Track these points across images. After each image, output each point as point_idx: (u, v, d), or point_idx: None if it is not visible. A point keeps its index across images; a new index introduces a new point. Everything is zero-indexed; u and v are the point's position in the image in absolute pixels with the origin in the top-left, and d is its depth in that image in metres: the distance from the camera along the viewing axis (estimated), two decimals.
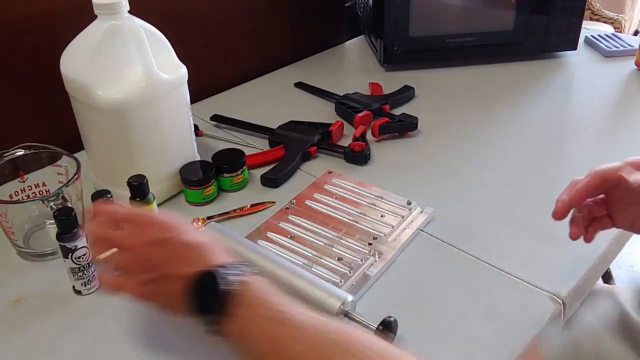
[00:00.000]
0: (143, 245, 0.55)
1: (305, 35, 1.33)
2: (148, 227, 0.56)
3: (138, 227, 0.56)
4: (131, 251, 0.55)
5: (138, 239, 0.55)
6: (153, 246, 0.54)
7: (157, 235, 0.55)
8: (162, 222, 0.56)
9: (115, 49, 0.73)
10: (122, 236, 0.56)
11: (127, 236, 0.56)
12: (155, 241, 0.54)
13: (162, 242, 0.54)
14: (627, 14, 2.60)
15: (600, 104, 1.11)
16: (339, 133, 0.98)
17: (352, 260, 0.70)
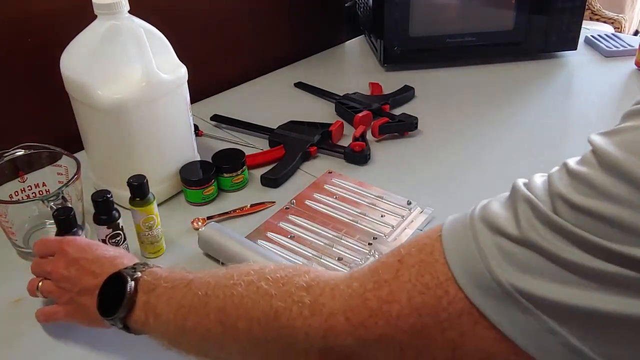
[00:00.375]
0: (58, 268, 0.59)
1: (305, 35, 1.33)
2: (63, 252, 0.60)
3: (56, 254, 0.61)
4: (51, 276, 0.60)
5: (54, 264, 0.60)
6: (67, 268, 0.59)
7: (69, 256, 0.59)
8: (74, 244, 0.61)
9: (115, 49, 0.73)
10: (44, 265, 0.61)
11: (47, 263, 0.61)
12: (68, 262, 0.59)
13: (74, 261, 0.59)
14: (627, 14, 2.60)
15: (600, 104, 1.11)
16: (339, 133, 0.98)
17: (352, 260, 0.70)
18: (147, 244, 0.72)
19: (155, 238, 0.72)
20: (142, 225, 0.70)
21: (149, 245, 0.72)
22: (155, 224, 0.71)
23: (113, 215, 0.68)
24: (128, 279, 0.53)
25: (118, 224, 0.69)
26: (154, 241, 0.72)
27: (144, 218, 0.69)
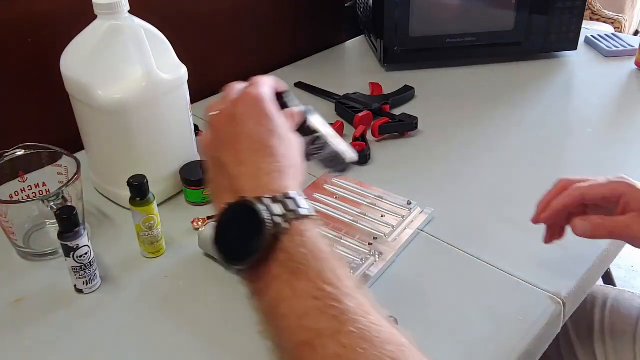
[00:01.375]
0: (224, 111, 0.50)
1: (305, 35, 1.33)
2: (232, 106, 0.50)
3: (234, 97, 0.51)
4: (214, 118, 0.51)
5: (225, 106, 0.50)
6: (229, 120, 0.49)
7: (238, 110, 0.49)
8: (247, 105, 0.50)
9: (115, 49, 0.73)
10: (222, 99, 0.52)
11: (223, 101, 0.52)
12: (233, 115, 0.49)
13: (237, 119, 0.49)
14: (627, 14, 2.60)
15: (600, 104, 1.11)
16: (339, 133, 0.98)
17: (352, 261, 0.70)
18: (147, 244, 0.72)
19: (155, 238, 0.72)
20: (142, 225, 0.70)
21: (149, 245, 0.72)
22: (155, 224, 0.71)
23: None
24: (268, 224, 0.41)
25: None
26: (154, 241, 0.72)
27: (144, 218, 0.69)
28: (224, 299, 0.67)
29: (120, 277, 0.70)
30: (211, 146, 0.50)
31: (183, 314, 0.65)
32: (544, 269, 0.70)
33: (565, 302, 0.66)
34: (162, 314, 0.65)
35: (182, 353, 0.60)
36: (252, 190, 0.44)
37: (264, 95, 0.51)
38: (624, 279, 1.89)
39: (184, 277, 0.70)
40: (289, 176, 0.46)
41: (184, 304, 0.67)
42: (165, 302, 0.67)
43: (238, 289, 0.68)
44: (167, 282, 0.70)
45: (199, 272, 0.71)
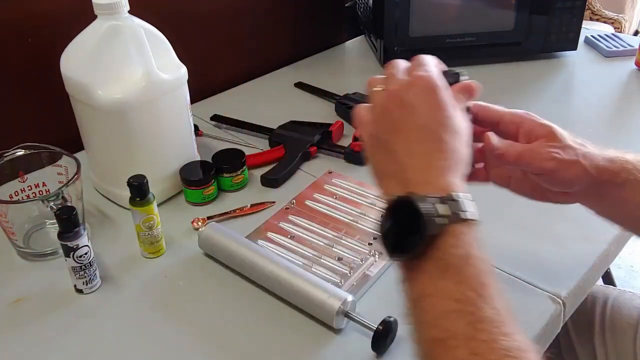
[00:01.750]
0: (393, 95, 0.49)
1: (305, 35, 1.33)
2: (412, 80, 0.49)
3: (403, 79, 0.50)
4: (385, 96, 0.50)
5: (397, 88, 0.49)
6: (401, 105, 0.48)
7: (410, 97, 0.48)
8: (428, 84, 0.49)
9: (115, 49, 0.73)
10: (388, 77, 0.51)
11: (389, 79, 0.51)
12: (405, 102, 0.48)
13: (409, 107, 0.48)
14: (627, 14, 2.60)
15: (600, 104, 1.11)
16: (339, 133, 0.98)
17: (352, 260, 0.70)
18: (147, 244, 0.72)
19: (155, 238, 0.72)
20: (142, 226, 0.70)
21: (149, 245, 0.72)
22: (155, 224, 0.71)
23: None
24: (429, 225, 0.42)
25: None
26: (154, 241, 0.72)
27: (144, 218, 0.69)
28: (224, 299, 0.67)
29: (120, 277, 0.70)
30: (375, 126, 0.50)
31: (183, 314, 0.65)
32: (544, 269, 0.70)
33: (565, 302, 0.66)
34: (162, 314, 0.65)
35: (182, 353, 0.60)
36: (421, 184, 0.45)
37: (439, 83, 0.49)
38: (624, 279, 1.89)
39: (184, 277, 0.70)
40: (457, 173, 0.47)
41: (184, 304, 0.67)
42: (165, 302, 0.67)
43: (238, 289, 0.68)
44: (167, 282, 0.70)
45: (199, 272, 0.71)
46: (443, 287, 0.42)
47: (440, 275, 0.43)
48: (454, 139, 0.48)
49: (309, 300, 0.62)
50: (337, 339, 0.61)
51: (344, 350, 0.60)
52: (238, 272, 0.69)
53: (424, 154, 0.47)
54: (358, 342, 0.61)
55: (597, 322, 0.80)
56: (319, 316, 0.62)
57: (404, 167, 0.47)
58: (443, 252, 0.43)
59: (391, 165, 0.48)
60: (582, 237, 0.73)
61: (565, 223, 0.66)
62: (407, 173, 0.46)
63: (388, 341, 0.59)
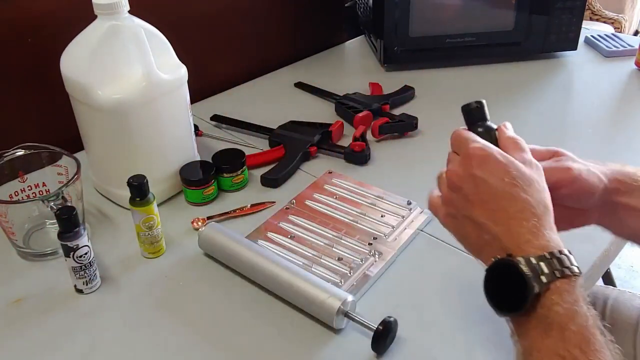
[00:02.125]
0: (454, 174, 0.52)
1: (305, 35, 1.33)
2: (467, 159, 0.51)
3: (462, 156, 0.52)
4: (447, 177, 0.53)
5: (453, 166, 0.52)
6: (461, 181, 0.51)
7: (470, 171, 0.50)
8: (482, 159, 0.50)
9: (115, 49, 0.73)
10: (451, 158, 0.54)
11: (452, 161, 0.54)
12: (469, 175, 0.50)
13: (475, 179, 0.50)
14: (627, 14, 2.60)
15: (600, 104, 1.11)
16: (339, 133, 0.98)
17: (352, 260, 0.70)
18: (147, 244, 0.72)
19: (155, 238, 0.72)
20: (142, 226, 0.70)
21: (149, 245, 0.72)
22: (155, 224, 0.71)
23: None
24: (533, 285, 0.44)
25: None
26: (154, 241, 0.72)
27: (144, 218, 0.69)
28: (223, 299, 0.67)
29: (120, 277, 0.70)
30: (450, 206, 0.53)
31: (183, 314, 0.65)
32: None
33: None
34: (162, 314, 0.65)
35: (182, 353, 0.60)
36: (516, 248, 0.47)
37: (490, 149, 0.51)
38: (623, 279, 1.89)
39: (184, 277, 0.70)
40: (548, 224, 0.48)
41: (184, 304, 0.67)
42: (165, 302, 0.67)
43: (238, 289, 0.68)
44: (167, 282, 0.70)
45: (199, 272, 0.71)
46: (548, 344, 0.44)
47: (545, 333, 0.44)
48: (532, 191, 0.49)
49: (309, 300, 0.62)
50: (337, 339, 0.61)
51: (344, 350, 0.60)
52: (238, 272, 0.69)
53: (510, 218, 0.48)
54: (358, 342, 0.61)
55: None
56: (319, 316, 0.62)
57: (496, 236, 0.48)
58: (547, 309, 0.44)
59: (483, 236, 0.50)
60: (582, 237, 0.73)
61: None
62: (502, 241, 0.48)
63: (388, 341, 0.59)
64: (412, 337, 0.61)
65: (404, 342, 0.61)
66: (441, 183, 0.55)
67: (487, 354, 0.60)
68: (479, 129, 0.56)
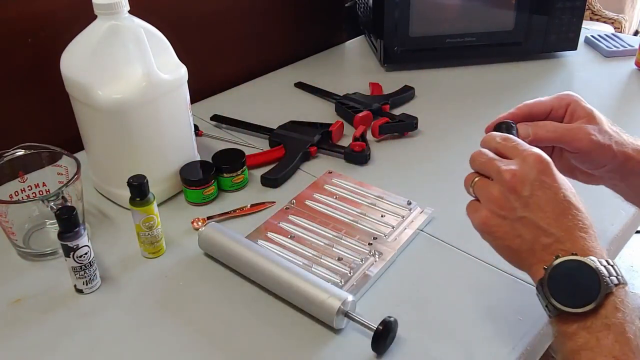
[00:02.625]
0: (518, 178, 0.51)
1: (305, 35, 1.33)
2: (524, 165, 0.51)
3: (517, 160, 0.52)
4: (504, 179, 0.52)
5: (516, 169, 0.51)
6: (530, 183, 0.51)
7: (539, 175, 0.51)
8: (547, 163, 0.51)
9: (115, 49, 0.73)
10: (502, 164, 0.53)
11: (507, 165, 0.53)
12: (535, 180, 0.51)
13: (542, 184, 0.51)
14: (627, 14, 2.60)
15: (600, 104, 1.10)
16: (339, 133, 0.98)
17: (352, 260, 0.70)
18: (147, 244, 0.72)
19: (155, 238, 0.72)
20: (142, 226, 0.70)
21: (149, 245, 0.72)
22: (155, 224, 0.71)
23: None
24: (609, 284, 0.46)
25: None
26: (154, 241, 0.72)
27: (144, 218, 0.69)
28: (223, 299, 0.67)
29: (120, 277, 0.70)
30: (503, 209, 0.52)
31: (183, 314, 0.65)
32: None
33: None
34: (162, 314, 0.65)
35: (181, 353, 0.60)
36: (581, 252, 0.48)
37: (547, 157, 0.52)
38: None
39: (184, 277, 0.70)
40: (597, 239, 0.50)
41: (184, 304, 0.67)
42: (165, 302, 0.67)
43: (238, 289, 0.68)
44: (167, 282, 0.70)
45: (199, 272, 0.71)
46: (605, 344, 0.45)
47: (603, 333, 0.45)
48: (581, 204, 0.52)
49: (309, 300, 0.62)
50: (337, 339, 0.61)
51: (344, 350, 0.60)
52: (238, 272, 0.69)
53: (573, 225, 0.50)
54: (358, 342, 0.61)
55: None
56: (319, 316, 0.62)
57: (559, 239, 0.50)
58: (608, 311, 0.46)
59: (541, 239, 0.50)
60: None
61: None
62: (566, 244, 0.49)
63: (388, 341, 0.59)
64: (412, 337, 0.61)
65: (404, 342, 0.61)
66: (479, 187, 0.55)
67: (487, 354, 0.60)
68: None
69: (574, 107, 0.61)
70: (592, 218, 0.51)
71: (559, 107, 0.61)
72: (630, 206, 0.80)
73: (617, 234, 0.76)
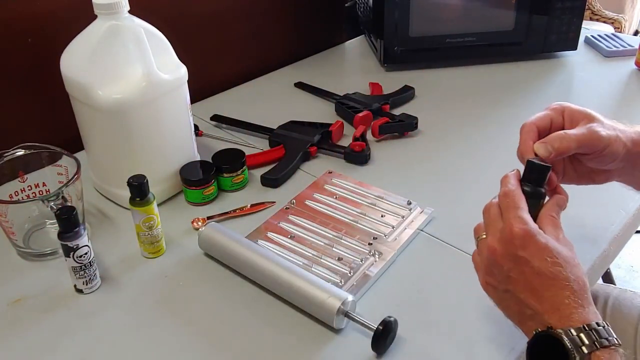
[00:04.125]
0: (498, 254, 0.53)
1: (305, 35, 1.33)
2: (509, 235, 0.52)
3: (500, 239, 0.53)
4: (487, 253, 0.54)
5: (496, 243, 0.53)
6: (503, 257, 0.52)
7: (515, 250, 0.52)
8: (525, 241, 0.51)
9: (115, 49, 0.73)
10: (490, 225, 0.55)
11: (491, 230, 0.54)
12: (511, 255, 0.52)
13: (514, 259, 0.52)
14: (627, 14, 2.60)
15: (600, 104, 1.11)
16: (339, 133, 0.98)
17: (352, 260, 0.70)
18: (147, 244, 0.72)
19: (155, 238, 0.72)
20: (142, 225, 0.70)
21: (149, 245, 0.72)
22: (155, 224, 0.71)
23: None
24: (574, 356, 0.47)
25: None
26: (154, 241, 0.72)
27: (144, 218, 0.69)
28: (223, 299, 0.67)
29: (120, 277, 0.70)
30: (491, 278, 0.55)
31: (183, 314, 0.65)
32: None
33: None
34: (162, 314, 0.65)
35: (181, 353, 0.60)
36: (557, 322, 0.49)
37: (532, 229, 0.52)
38: (623, 278, 1.89)
39: (184, 277, 0.70)
40: (586, 301, 0.50)
41: (184, 304, 0.67)
42: (165, 302, 0.67)
43: (238, 289, 0.68)
44: (167, 282, 0.70)
45: (199, 272, 0.71)
46: None
47: None
48: (570, 267, 0.51)
49: (309, 300, 0.62)
50: (337, 339, 0.61)
51: (344, 350, 0.60)
52: (238, 272, 0.69)
53: (552, 296, 0.50)
54: (358, 342, 0.61)
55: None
56: (319, 316, 0.62)
57: (537, 312, 0.51)
58: None
59: (525, 311, 0.52)
60: (582, 237, 0.73)
61: (565, 223, 0.66)
62: (544, 316, 0.50)
63: (388, 341, 0.59)
64: (412, 337, 0.61)
65: (404, 342, 0.61)
66: (482, 248, 0.56)
67: (488, 354, 0.60)
68: (529, 188, 0.56)
69: (570, 112, 0.61)
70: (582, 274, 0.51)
71: (556, 116, 0.61)
72: (630, 206, 0.80)
73: (617, 234, 0.76)
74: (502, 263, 0.52)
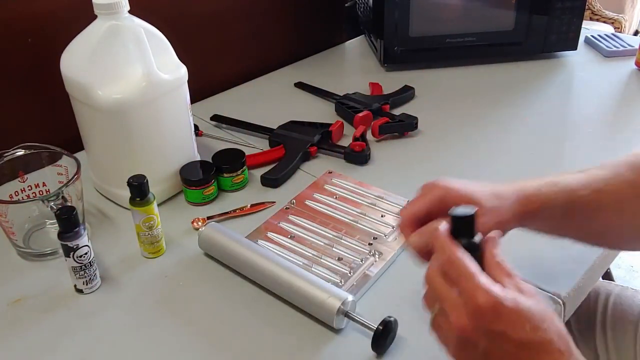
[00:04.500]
0: (469, 331, 0.45)
1: (305, 35, 1.33)
2: (478, 310, 0.45)
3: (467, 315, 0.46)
4: (456, 333, 0.46)
5: (463, 319, 0.45)
6: (483, 336, 0.45)
7: (488, 325, 0.45)
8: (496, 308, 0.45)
9: (115, 49, 0.73)
10: (444, 299, 0.47)
11: (449, 305, 0.47)
12: (483, 330, 0.45)
13: (493, 336, 0.45)
14: (627, 14, 2.60)
15: (600, 104, 1.11)
16: (339, 133, 0.98)
17: (352, 260, 0.70)
18: (147, 244, 0.72)
19: (155, 238, 0.72)
20: (142, 225, 0.70)
21: (149, 245, 0.72)
22: (155, 224, 0.71)
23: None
24: None
25: None
26: (154, 241, 0.72)
27: (144, 218, 0.69)
28: (223, 299, 0.67)
29: (120, 277, 0.70)
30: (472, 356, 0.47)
31: (183, 314, 0.65)
32: (544, 269, 0.70)
33: (565, 302, 0.66)
34: (162, 314, 0.65)
35: (181, 353, 0.60)
36: None
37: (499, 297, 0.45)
38: (623, 278, 1.89)
39: (184, 277, 0.70)
40: (570, 350, 0.46)
41: (184, 304, 0.67)
42: (165, 302, 0.67)
43: (238, 289, 0.68)
44: (167, 282, 0.70)
45: (199, 272, 0.71)
46: None
47: None
48: (548, 325, 0.46)
49: (309, 300, 0.62)
50: (337, 339, 0.61)
51: (344, 350, 0.60)
52: (238, 272, 0.69)
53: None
54: (358, 342, 0.61)
55: (599, 318, 0.80)
56: (319, 316, 0.62)
57: None
58: None
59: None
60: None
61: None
62: None
63: (388, 341, 0.59)
64: (412, 337, 0.61)
65: (404, 342, 0.61)
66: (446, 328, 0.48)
67: None
68: (464, 242, 0.49)
69: (450, 199, 0.55)
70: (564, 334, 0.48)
71: (433, 206, 0.57)
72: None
73: None
74: (476, 340, 0.46)
